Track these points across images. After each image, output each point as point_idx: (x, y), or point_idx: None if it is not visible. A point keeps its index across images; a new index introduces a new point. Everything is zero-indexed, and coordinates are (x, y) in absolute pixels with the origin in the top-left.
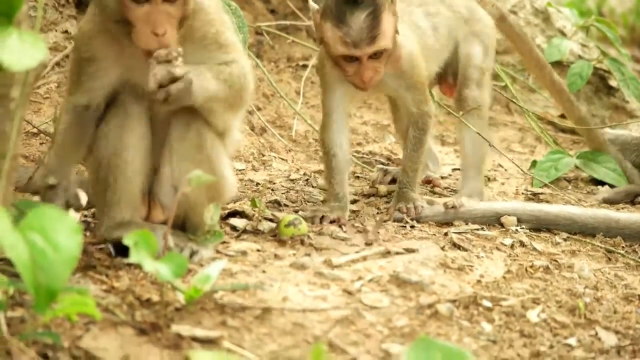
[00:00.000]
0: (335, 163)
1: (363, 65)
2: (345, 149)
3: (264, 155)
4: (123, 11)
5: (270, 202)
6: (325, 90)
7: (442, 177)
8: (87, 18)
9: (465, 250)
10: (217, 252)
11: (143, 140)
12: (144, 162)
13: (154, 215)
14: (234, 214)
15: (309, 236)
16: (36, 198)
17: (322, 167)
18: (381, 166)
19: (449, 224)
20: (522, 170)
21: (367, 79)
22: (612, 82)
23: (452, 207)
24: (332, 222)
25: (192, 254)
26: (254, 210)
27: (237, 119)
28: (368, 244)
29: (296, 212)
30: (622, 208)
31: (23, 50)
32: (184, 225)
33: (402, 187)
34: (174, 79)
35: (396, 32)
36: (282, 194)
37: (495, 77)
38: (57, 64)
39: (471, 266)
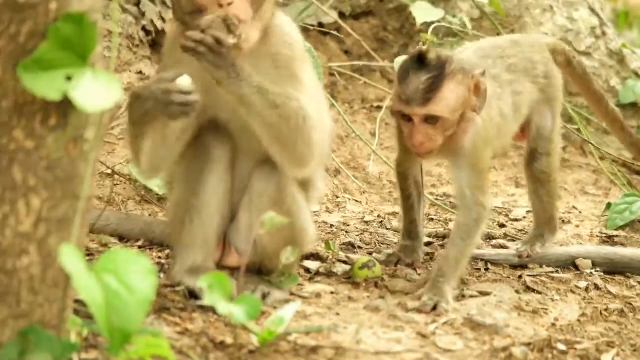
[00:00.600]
0: (410, 203)
1: (415, 127)
2: (420, 190)
3: (338, 197)
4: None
5: (344, 244)
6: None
7: (515, 220)
8: (168, 35)
9: (540, 293)
10: (291, 294)
11: (222, 184)
12: (221, 205)
13: (228, 260)
14: (308, 256)
15: (383, 279)
16: (111, 239)
17: (396, 209)
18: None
19: (523, 266)
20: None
21: (417, 143)
22: None
23: (528, 257)
24: (406, 265)
25: (265, 295)
26: (328, 253)
27: (317, 168)
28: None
29: (370, 254)
30: None
31: (98, 91)
32: (259, 272)
33: (438, 276)
34: (219, 41)
35: (468, 107)
36: (356, 236)
37: (569, 119)
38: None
39: (546, 309)
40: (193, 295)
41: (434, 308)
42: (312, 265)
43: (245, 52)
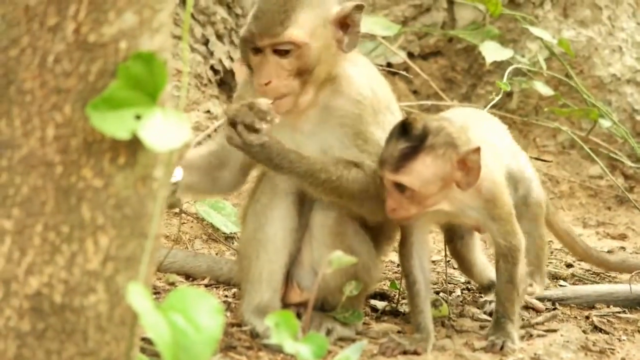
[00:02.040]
0: (416, 290)
1: (388, 192)
2: (427, 273)
3: None
4: (247, 59)
5: None
6: None
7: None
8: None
9: (607, 333)
10: (357, 333)
11: (288, 219)
12: (286, 240)
13: (291, 296)
14: (375, 295)
15: (450, 318)
16: (178, 277)
17: None
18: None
19: (591, 307)
20: None
21: (389, 209)
22: None
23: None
24: (405, 352)
25: (329, 332)
26: (394, 292)
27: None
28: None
29: (437, 293)
30: None
31: (167, 130)
32: (321, 308)
33: (499, 317)
34: (252, 128)
35: (449, 182)
36: None
37: (638, 159)
38: (199, 143)
39: (612, 349)
40: (259, 335)
41: (501, 348)
42: (379, 304)
43: (298, 113)
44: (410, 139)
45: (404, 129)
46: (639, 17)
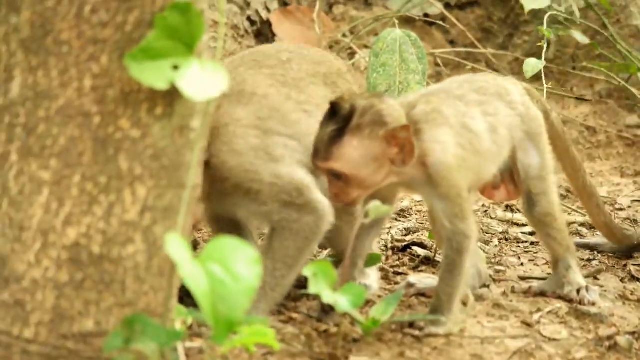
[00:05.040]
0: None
1: (328, 179)
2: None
3: None
4: None
5: None
6: None
7: (620, 209)
8: None
9: None
10: (395, 283)
11: None
12: None
13: None
14: (413, 244)
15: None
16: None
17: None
18: (410, 280)
19: (628, 256)
20: None
21: (332, 195)
22: None
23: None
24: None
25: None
26: (432, 241)
27: None
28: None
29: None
30: None
31: (204, 80)
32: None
33: (432, 310)
34: None
35: (386, 161)
36: None
37: None
38: None
39: None
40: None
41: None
42: (419, 251)
43: None
44: (337, 120)
45: (332, 110)
46: None
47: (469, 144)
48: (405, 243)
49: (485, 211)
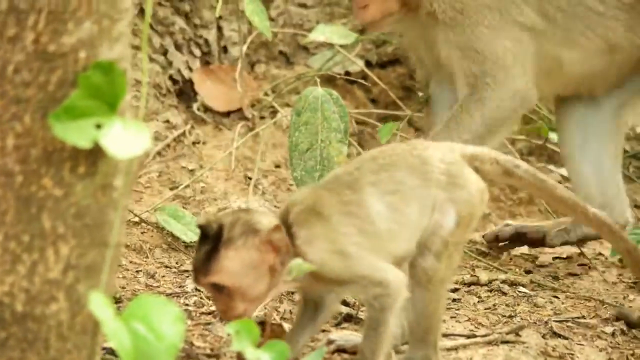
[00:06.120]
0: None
1: (212, 297)
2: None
3: None
4: None
5: None
6: None
7: (542, 266)
8: None
9: (566, 338)
10: (317, 339)
11: None
12: None
13: None
14: None
15: None
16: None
17: None
18: (331, 337)
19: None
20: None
21: (219, 311)
22: None
23: None
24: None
25: None
26: (355, 299)
27: None
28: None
29: None
30: None
31: (127, 139)
32: None
33: None
34: None
35: (267, 266)
36: None
37: None
38: (159, 153)
39: (572, 354)
40: None
41: None
42: (342, 308)
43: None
44: (209, 240)
45: (202, 233)
46: None
47: (356, 230)
48: None
49: None
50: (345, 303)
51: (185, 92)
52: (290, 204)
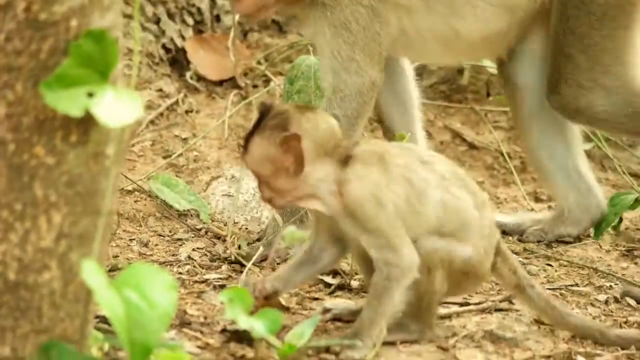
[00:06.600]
0: None
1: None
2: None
3: None
4: None
5: None
6: None
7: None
8: None
9: None
10: (311, 308)
11: None
12: None
13: None
14: (328, 271)
15: None
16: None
17: None
18: (326, 305)
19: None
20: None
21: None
22: None
23: None
24: None
25: None
26: (349, 268)
27: None
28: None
29: None
30: None
31: (119, 107)
32: None
33: (352, 335)
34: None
35: (279, 166)
36: None
37: (587, 137)
38: (152, 122)
39: None
40: None
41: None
42: (331, 279)
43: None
44: (258, 121)
45: (261, 113)
46: None
47: (404, 196)
48: None
49: None
50: (337, 273)
51: (178, 61)
52: (363, 142)
